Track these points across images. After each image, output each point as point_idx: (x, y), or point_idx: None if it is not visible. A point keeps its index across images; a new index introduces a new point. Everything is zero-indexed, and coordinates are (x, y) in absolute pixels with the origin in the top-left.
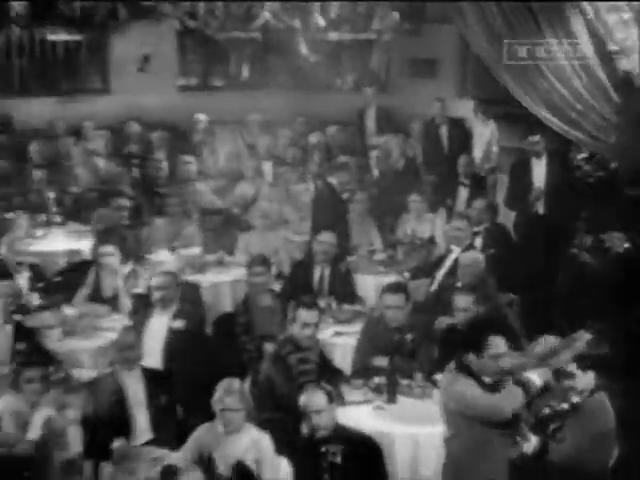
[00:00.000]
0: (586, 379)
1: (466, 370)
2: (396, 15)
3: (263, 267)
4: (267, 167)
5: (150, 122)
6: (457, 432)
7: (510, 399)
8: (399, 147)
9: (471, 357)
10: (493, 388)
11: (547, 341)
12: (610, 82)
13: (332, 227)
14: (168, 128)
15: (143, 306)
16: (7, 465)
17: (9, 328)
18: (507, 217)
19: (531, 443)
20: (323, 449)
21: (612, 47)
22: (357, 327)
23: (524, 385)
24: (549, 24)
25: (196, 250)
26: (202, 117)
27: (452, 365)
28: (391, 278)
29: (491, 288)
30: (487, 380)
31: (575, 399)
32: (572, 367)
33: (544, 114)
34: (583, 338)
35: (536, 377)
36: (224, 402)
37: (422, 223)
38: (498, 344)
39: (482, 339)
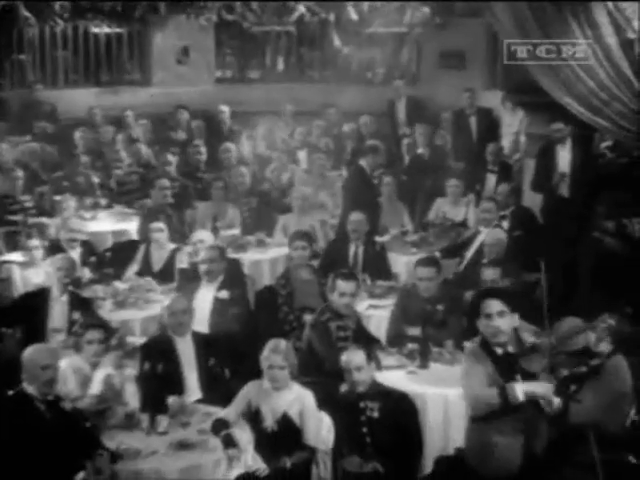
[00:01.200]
0: (604, 344)
1: (485, 345)
2: (427, 9)
3: (304, 241)
4: (302, 155)
5: (189, 112)
6: None
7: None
8: (427, 136)
9: (479, 324)
10: (506, 363)
11: (570, 322)
12: (632, 70)
13: (362, 207)
14: (205, 118)
15: (188, 279)
16: (71, 417)
17: (65, 298)
18: (534, 201)
19: (553, 404)
20: (362, 404)
21: (631, 35)
22: (391, 301)
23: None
24: (573, 14)
25: (237, 231)
26: (225, 108)
27: (473, 343)
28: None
29: (516, 265)
30: (499, 351)
31: (593, 362)
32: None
33: (569, 102)
34: (606, 322)
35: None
36: (271, 360)
37: (457, 207)
38: (490, 304)
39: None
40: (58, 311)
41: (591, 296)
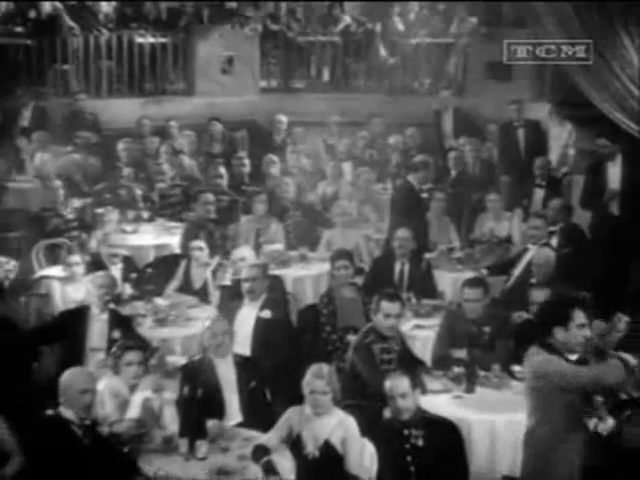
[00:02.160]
0: None
1: (550, 349)
2: (473, 20)
3: (347, 260)
4: (347, 167)
5: (232, 122)
6: (542, 419)
7: (612, 370)
8: (474, 149)
9: (557, 332)
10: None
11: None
12: None
13: (410, 224)
14: (250, 128)
15: (230, 297)
16: (108, 442)
17: (105, 317)
18: (583, 218)
19: (607, 424)
20: (406, 432)
21: None
22: (436, 320)
23: (623, 360)
24: (623, 25)
25: (280, 246)
26: (283, 118)
27: (534, 348)
28: (468, 275)
29: (565, 285)
30: (571, 357)
31: None
32: None
33: (620, 117)
34: None
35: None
36: (313, 385)
37: (500, 222)
38: (580, 315)
39: (567, 313)
40: (97, 329)
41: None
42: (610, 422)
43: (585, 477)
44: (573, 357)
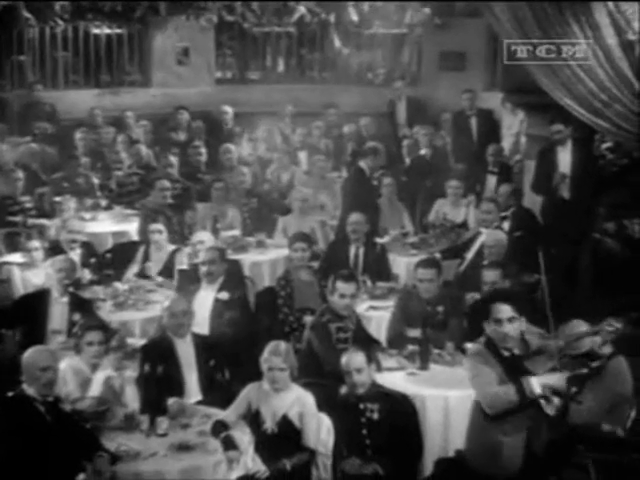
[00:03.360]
0: (605, 346)
1: (491, 346)
2: (427, 10)
3: (304, 243)
4: (302, 156)
5: (189, 113)
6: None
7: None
8: (427, 137)
9: (486, 326)
10: (512, 364)
11: (576, 325)
12: (632, 72)
13: (362, 209)
14: (205, 119)
15: (188, 280)
16: (71, 419)
17: (65, 300)
18: (534, 202)
19: (553, 404)
20: (361, 406)
21: (631, 36)
22: (391, 302)
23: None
24: (574, 15)
25: (237, 232)
26: (229, 109)
27: (478, 344)
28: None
29: (516, 267)
30: (505, 353)
31: (594, 363)
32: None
33: (569, 103)
34: (613, 325)
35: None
36: (271, 361)
37: (457, 208)
38: (500, 309)
39: (490, 307)
40: (58, 312)
41: (591, 298)
42: (556, 401)
43: (532, 455)
44: (506, 353)
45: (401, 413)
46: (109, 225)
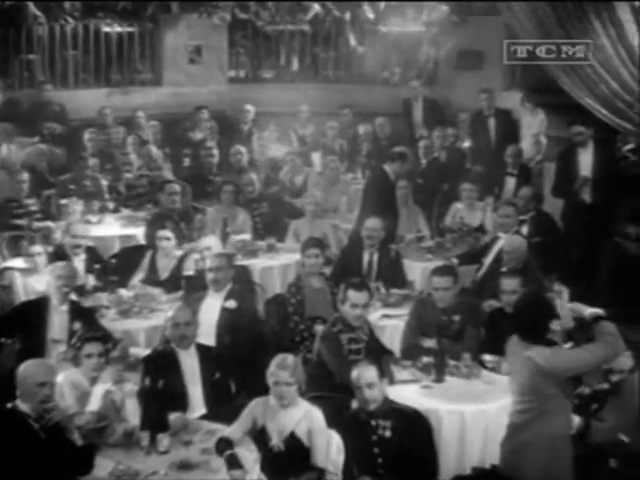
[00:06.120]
0: (624, 359)
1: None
2: (444, 8)
3: (318, 249)
4: (316, 157)
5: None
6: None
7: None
8: (444, 139)
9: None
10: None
11: None
12: None
13: (381, 215)
14: (218, 118)
15: (194, 288)
16: (64, 437)
17: (65, 308)
18: (554, 206)
19: (574, 423)
20: (373, 423)
21: None
22: (405, 310)
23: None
24: (596, 12)
25: (247, 236)
26: (251, 108)
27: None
28: (438, 264)
29: (536, 273)
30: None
31: (614, 378)
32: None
33: (591, 104)
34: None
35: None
36: (277, 376)
37: (473, 211)
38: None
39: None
40: (58, 321)
41: (612, 301)
42: (577, 420)
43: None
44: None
45: (414, 431)
46: (116, 229)
